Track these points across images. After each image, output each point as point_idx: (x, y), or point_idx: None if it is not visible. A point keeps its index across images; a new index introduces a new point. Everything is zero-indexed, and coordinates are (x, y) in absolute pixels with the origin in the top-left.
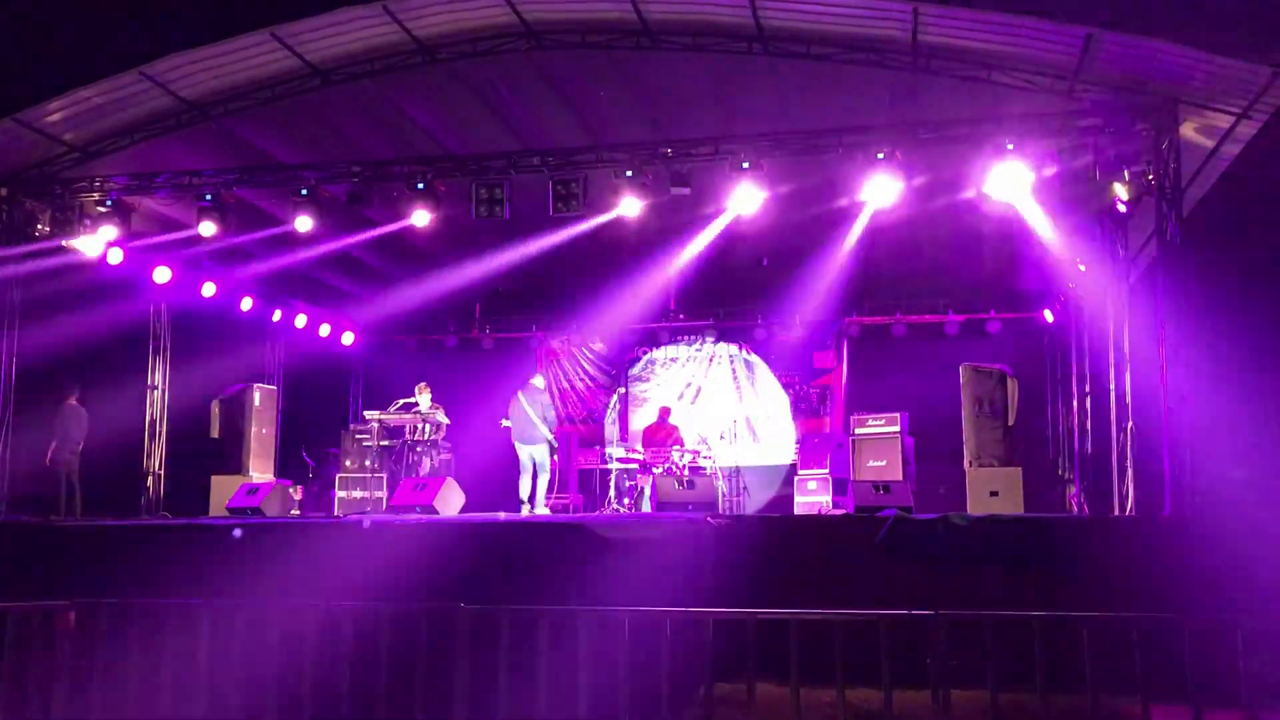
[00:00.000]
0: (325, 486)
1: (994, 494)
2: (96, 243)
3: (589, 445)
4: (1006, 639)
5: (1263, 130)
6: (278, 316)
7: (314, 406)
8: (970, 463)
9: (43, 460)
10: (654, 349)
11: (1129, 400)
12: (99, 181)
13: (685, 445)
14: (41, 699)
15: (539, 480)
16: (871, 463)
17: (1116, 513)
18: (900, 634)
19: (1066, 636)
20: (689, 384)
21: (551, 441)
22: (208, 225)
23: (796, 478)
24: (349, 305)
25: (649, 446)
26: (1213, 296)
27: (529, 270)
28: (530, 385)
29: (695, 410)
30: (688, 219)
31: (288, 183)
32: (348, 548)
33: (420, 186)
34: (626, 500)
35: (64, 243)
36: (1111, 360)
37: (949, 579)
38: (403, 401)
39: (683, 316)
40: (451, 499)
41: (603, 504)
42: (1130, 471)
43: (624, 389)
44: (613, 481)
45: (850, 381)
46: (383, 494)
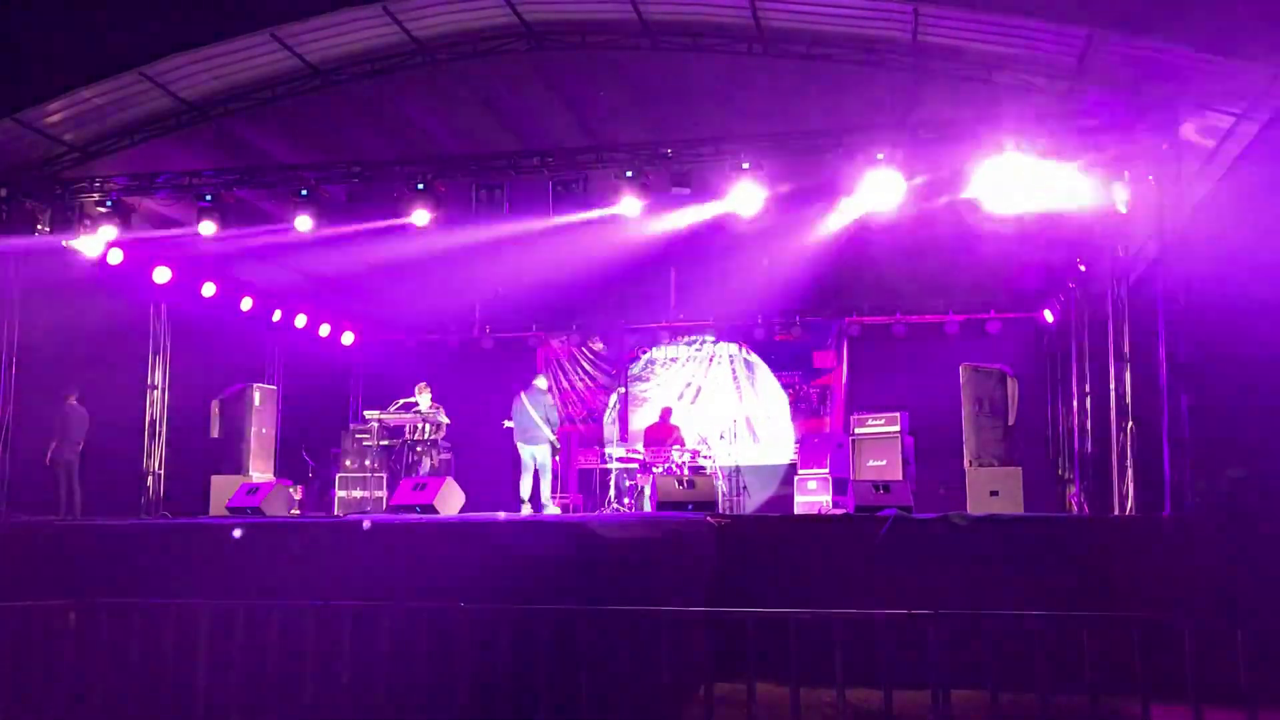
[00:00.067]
0: (325, 486)
1: (994, 494)
2: (96, 243)
3: (589, 445)
4: (1006, 639)
5: (1263, 131)
6: (278, 316)
7: (314, 406)
8: (970, 463)
9: (43, 460)
10: (654, 349)
11: (1129, 400)
12: (99, 181)
13: (686, 445)
14: (41, 699)
15: (541, 480)
16: (871, 462)
17: (1116, 513)
18: (900, 634)
19: (1066, 636)
20: (689, 384)
21: (554, 442)
22: (208, 225)
23: (796, 477)
24: (349, 305)
25: (650, 446)
26: (1213, 297)
27: (529, 270)
28: (533, 386)
29: (695, 410)
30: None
31: (288, 183)
32: (348, 548)
33: (420, 187)
34: (627, 500)
35: (64, 243)
36: (1111, 360)
37: (949, 579)
38: (403, 401)
39: (683, 316)
40: (451, 499)
41: (603, 503)
42: (1130, 471)
43: (624, 389)
44: (613, 481)
45: (850, 381)
46: (383, 494)
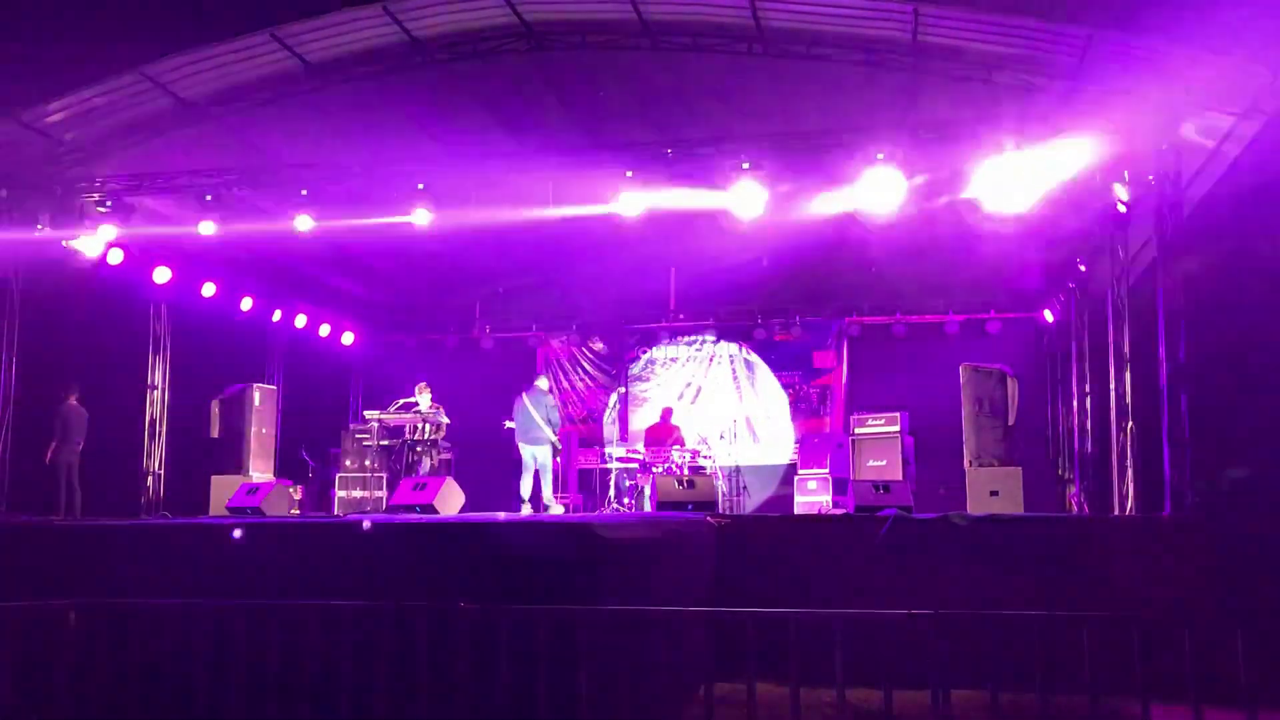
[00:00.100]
0: (325, 486)
1: (994, 494)
2: (96, 243)
3: (589, 445)
4: (1006, 639)
5: (1263, 131)
6: (278, 316)
7: (314, 406)
8: (970, 463)
9: (43, 460)
10: (654, 349)
11: (1129, 400)
12: (99, 181)
13: (686, 445)
14: (41, 699)
15: (542, 480)
16: (871, 462)
17: (1116, 513)
18: (900, 634)
19: (1066, 636)
20: (689, 384)
21: (555, 443)
22: (208, 225)
23: (796, 477)
24: (349, 305)
25: (651, 446)
26: (1213, 296)
27: (529, 269)
28: (535, 387)
29: (695, 410)
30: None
31: (288, 183)
32: (348, 548)
33: (420, 187)
34: (627, 500)
35: (64, 243)
36: (1111, 360)
37: (949, 579)
38: (403, 401)
39: (683, 316)
40: (451, 499)
41: (603, 504)
42: (1130, 471)
43: (624, 389)
44: (613, 481)
45: (850, 381)
46: (383, 494)
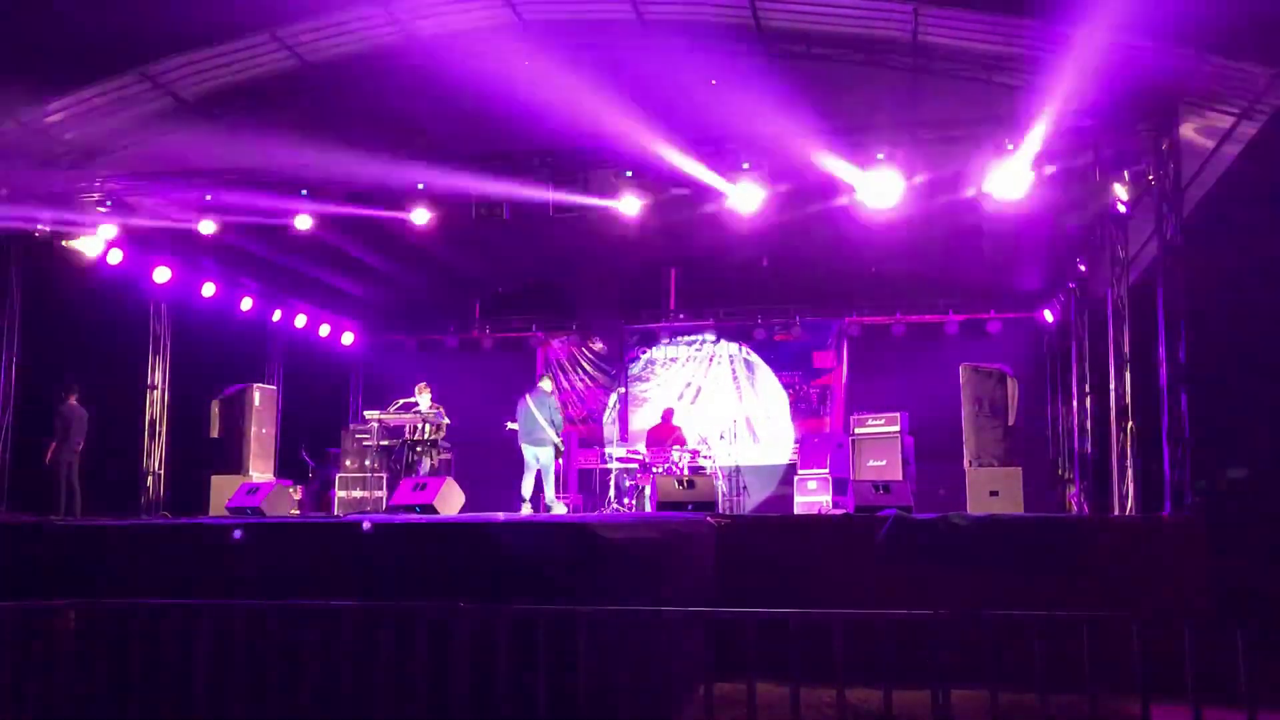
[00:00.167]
0: (325, 486)
1: (994, 494)
2: (96, 243)
3: (589, 445)
4: (1006, 639)
5: (1263, 131)
6: (278, 316)
7: (314, 406)
8: (970, 463)
9: (43, 460)
10: (654, 349)
11: (1129, 400)
12: (99, 181)
13: (687, 446)
14: (41, 699)
15: (545, 480)
16: (871, 462)
17: (1116, 513)
18: (900, 634)
19: (1066, 636)
20: (689, 384)
21: (558, 444)
22: (208, 225)
23: (796, 477)
24: (349, 305)
25: (653, 447)
26: (1213, 296)
27: (529, 270)
28: (538, 388)
29: (695, 410)
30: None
31: (288, 183)
32: (348, 548)
33: (421, 187)
34: (627, 500)
35: (64, 242)
36: (1111, 360)
37: (949, 579)
38: (402, 401)
39: (683, 316)
40: (451, 499)
41: (603, 504)
42: (1130, 471)
43: (623, 389)
44: (613, 481)
45: (850, 381)
46: (383, 494)
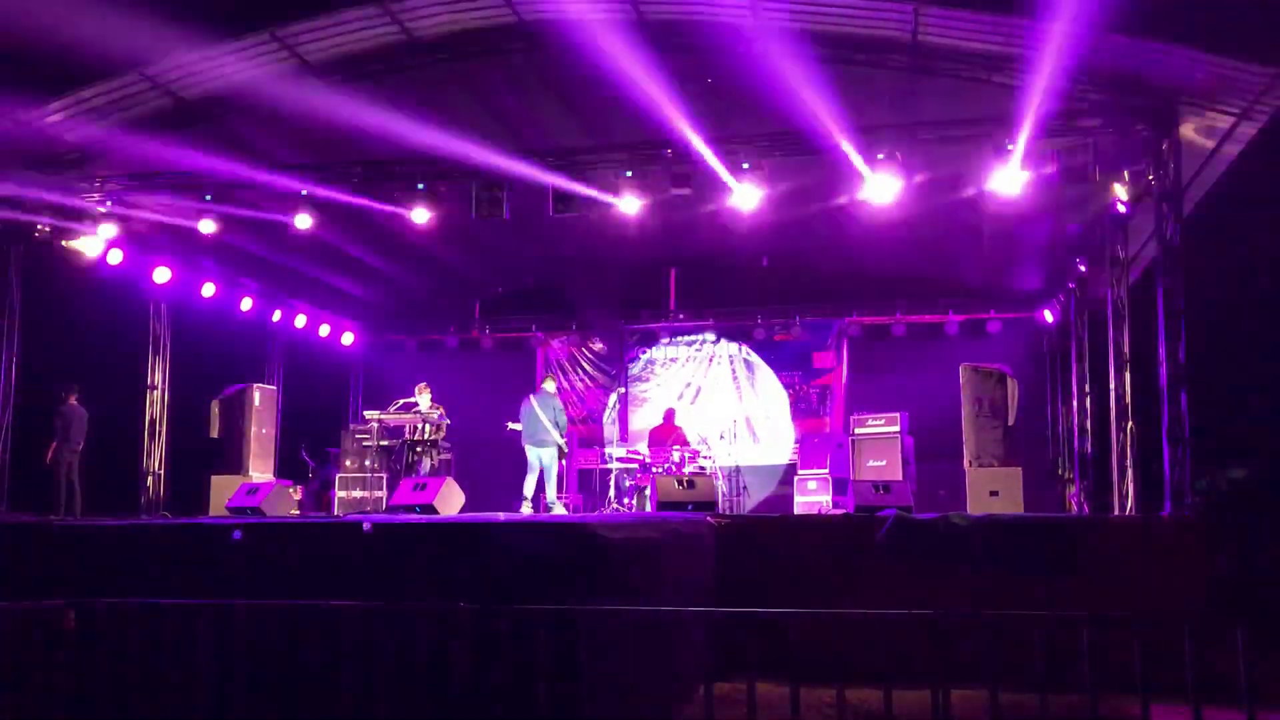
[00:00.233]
0: (325, 486)
1: (994, 494)
2: (96, 243)
3: (588, 445)
4: (1006, 639)
5: (1263, 131)
6: (278, 316)
7: (314, 406)
8: (970, 463)
9: (43, 460)
10: (654, 349)
11: (1129, 400)
12: (99, 181)
13: (689, 446)
14: (41, 699)
15: (547, 481)
16: (871, 463)
17: (1116, 513)
18: (900, 634)
19: (1066, 636)
20: (689, 384)
21: (562, 446)
22: (208, 225)
23: (796, 477)
24: (349, 305)
25: (654, 447)
26: (1212, 297)
27: (529, 270)
28: (542, 390)
29: (695, 410)
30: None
31: (288, 183)
32: (348, 548)
33: (420, 187)
34: (627, 500)
35: (64, 243)
36: (1111, 360)
37: (949, 579)
38: (402, 401)
39: (683, 316)
40: (451, 499)
41: (603, 504)
42: (1130, 471)
43: (623, 389)
44: (613, 481)
45: (850, 381)
46: (383, 494)
